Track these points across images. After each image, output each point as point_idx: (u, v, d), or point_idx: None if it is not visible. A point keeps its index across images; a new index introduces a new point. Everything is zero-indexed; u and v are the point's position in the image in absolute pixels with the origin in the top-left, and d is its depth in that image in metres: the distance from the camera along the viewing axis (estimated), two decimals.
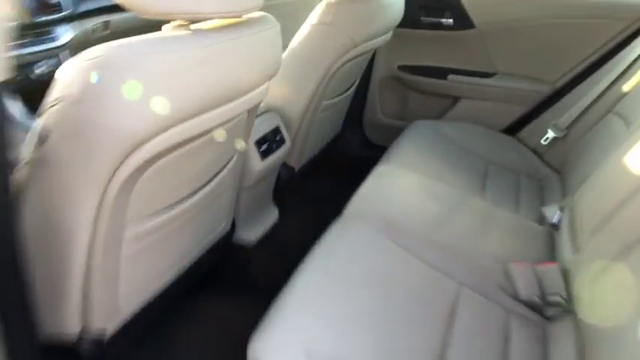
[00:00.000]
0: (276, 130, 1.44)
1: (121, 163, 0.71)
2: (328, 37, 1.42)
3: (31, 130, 0.72)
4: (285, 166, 1.63)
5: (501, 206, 1.37)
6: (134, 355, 1.14)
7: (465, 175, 1.51)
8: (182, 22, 0.78)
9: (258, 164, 1.35)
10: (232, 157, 1.13)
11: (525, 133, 1.86)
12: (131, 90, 0.65)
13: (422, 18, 1.90)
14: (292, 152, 1.60)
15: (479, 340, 0.93)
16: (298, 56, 1.45)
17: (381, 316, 0.91)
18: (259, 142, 1.36)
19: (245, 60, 0.88)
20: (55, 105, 0.68)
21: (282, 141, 1.46)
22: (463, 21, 1.85)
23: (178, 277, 1.12)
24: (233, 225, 1.37)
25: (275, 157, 1.43)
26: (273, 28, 0.95)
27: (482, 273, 1.09)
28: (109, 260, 0.84)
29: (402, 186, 1.37)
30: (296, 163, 1.68)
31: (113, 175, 0.72)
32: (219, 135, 0.95)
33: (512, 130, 1.91)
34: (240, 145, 1.10)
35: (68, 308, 0.85)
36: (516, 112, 1.90)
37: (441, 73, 1.97)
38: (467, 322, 0.95)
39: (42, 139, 0.68)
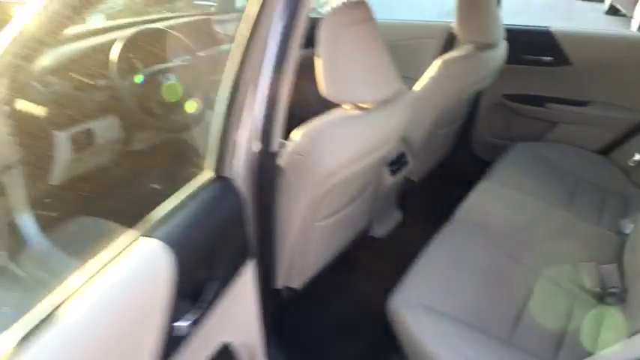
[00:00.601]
0: (402, 155, 1.80)
1: (320, 184, 1.17)
2: (442, 86, 1.70)
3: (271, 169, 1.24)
4: (407, 179, 1.93)
5: (584, 218, 1.62)
6: (307, 303, 1.63)
7: (555, 191, 1.76)
8: (352, 104, 1.18)
9: (388, 179, 1.69)
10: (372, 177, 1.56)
11: (616, 154, 2.01)
12: (326, 147, 1.13)
13: (524, 55, 2.12)
14: (413, 169, 1.88)
15: (547, 312, 1.27)
16: (419, 100, 1.73)
17: (477, 290, 1.30)
18: (390, 164, 1.70)
19: (388, 122, 1.27)
20: (287, 155, 1.17)
21: (406, 162, 1.81)
22: (560, 58, 2.05)
23: (336, 256, 1.58)
24: (370, 222, 1.73)
25: (400, 174, 1.76)
26: (404, 98, 1.32)
27: (556, 268, 1.40)
28: (307, 239, 1.31)
29: (499, 199, 1.69)
30: (416, 177, 2.00)
31: (315, 191, 1.18)
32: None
33: (605, 151, 2.06)
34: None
35: (282, 266, 1.33)
36: (608, 135, 2.04)
37: (540, 101, 2.17)
38: (539, 299, 1.30)
39: (281, 175, 1.21)
